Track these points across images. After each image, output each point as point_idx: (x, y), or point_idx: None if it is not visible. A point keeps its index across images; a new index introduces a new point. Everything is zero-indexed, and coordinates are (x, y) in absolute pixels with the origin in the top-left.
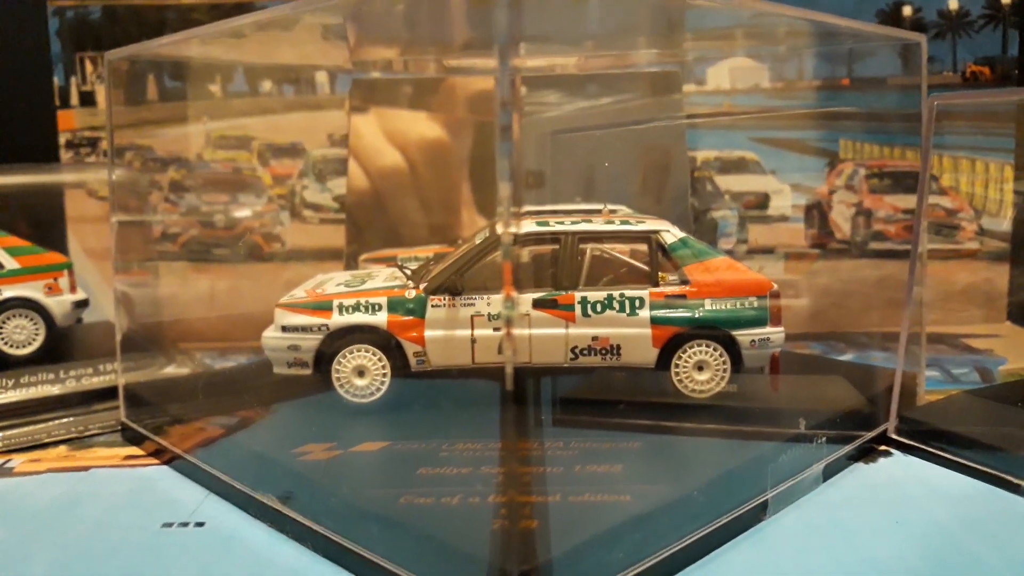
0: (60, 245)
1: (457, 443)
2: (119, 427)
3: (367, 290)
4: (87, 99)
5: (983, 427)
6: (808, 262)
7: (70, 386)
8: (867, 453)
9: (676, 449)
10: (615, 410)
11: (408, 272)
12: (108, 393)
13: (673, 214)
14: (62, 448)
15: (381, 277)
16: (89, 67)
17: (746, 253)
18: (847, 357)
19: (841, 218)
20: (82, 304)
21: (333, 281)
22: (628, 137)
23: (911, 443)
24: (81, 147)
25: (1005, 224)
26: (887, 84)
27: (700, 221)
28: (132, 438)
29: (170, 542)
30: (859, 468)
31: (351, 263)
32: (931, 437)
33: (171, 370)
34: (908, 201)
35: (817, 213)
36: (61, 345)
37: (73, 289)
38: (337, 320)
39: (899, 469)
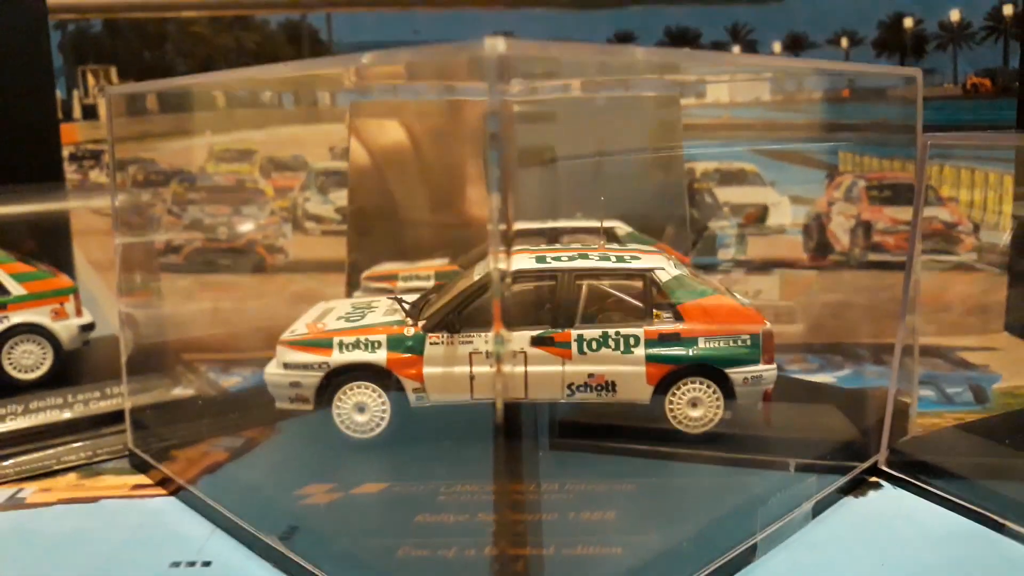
0: (66, 258)
1: (455, 485)
2: (126, 453)
3: (366, 327)
4: (90, 112)
5: (971, 463)
6: (806, 282)
7: (78, 411)
8: (857, 485)
9: (668, 491)
10: (610, 434)
11: (406, 307)
12: (116, 417)
13: (671, 225)
14: (72, 476)
15: (380, 310)
16: (91, 80)
17: (743, 270)
18: (844, 372)
19: (840, 230)
20: (88, 328)
21: (334, 313)
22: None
23: (901, 476)
24: (84, 159)
25: (1004, 237)
26: (887, 95)
27: (699, 233)
28: (139, 465)
29: None
30: (848, 502)
31: (353, 273)
32: (921, 471)
33: (177, 391)
34: (907, 213)
35: (816, 225)
36: (68, 367)
37: (79, 313)
38: (337, 358)
39: (888, 504)
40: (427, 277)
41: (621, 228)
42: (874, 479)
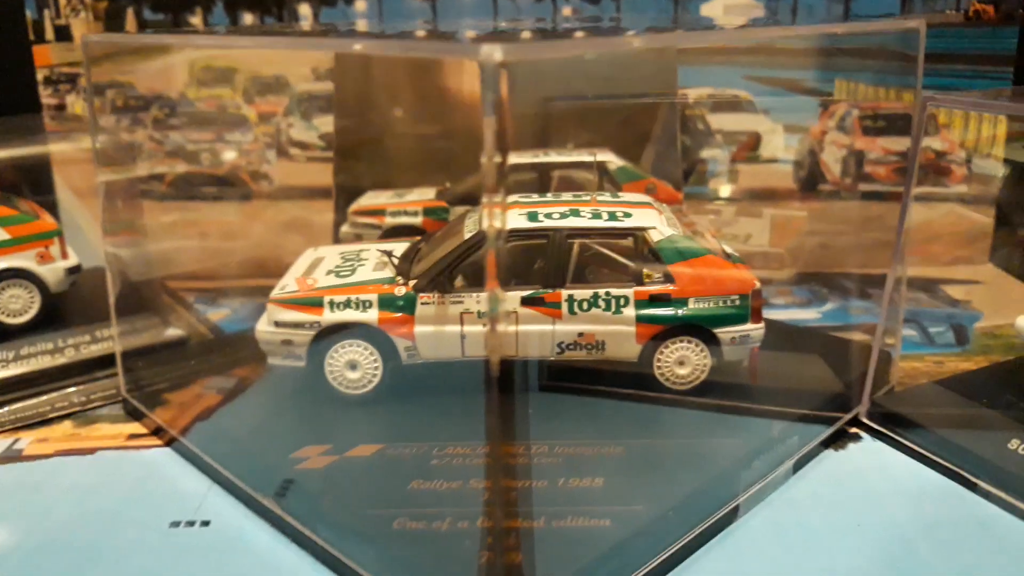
0: (47, 187)
1: (447, 446)
2: (119, 400)
3: (357, 284)
4: (62, 33)
5: (949, 419)
6: (796, 225)
7: (70, 355)
8: (838, 437)
9: (653, 454)
10: (598, 379)
11: (395, 262)
12: (108, 360)
13: (662, 154)
14: (67, 424)
15: (370, 264)
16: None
17: (733, 210)
18: (830, 306)
19: (832, 160)
20: (75, 270)
21: (323, 265)
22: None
23: (880, 429)
24: (60, 83)
25: (995, 167)
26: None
27: (691, 164)
28: (132, 412)
29: (178, 543)
30: (829, 456)
31: (340, 196)
32: (900, 425)
33: (166, 332)
34: (899, 143)
35: (808, 155)
36: (58, 306)
37: (64, 255)
38: (328, 317)
39: (866, 458)
40: (415, 213)
41: (613, 162)
42: (855, 430)
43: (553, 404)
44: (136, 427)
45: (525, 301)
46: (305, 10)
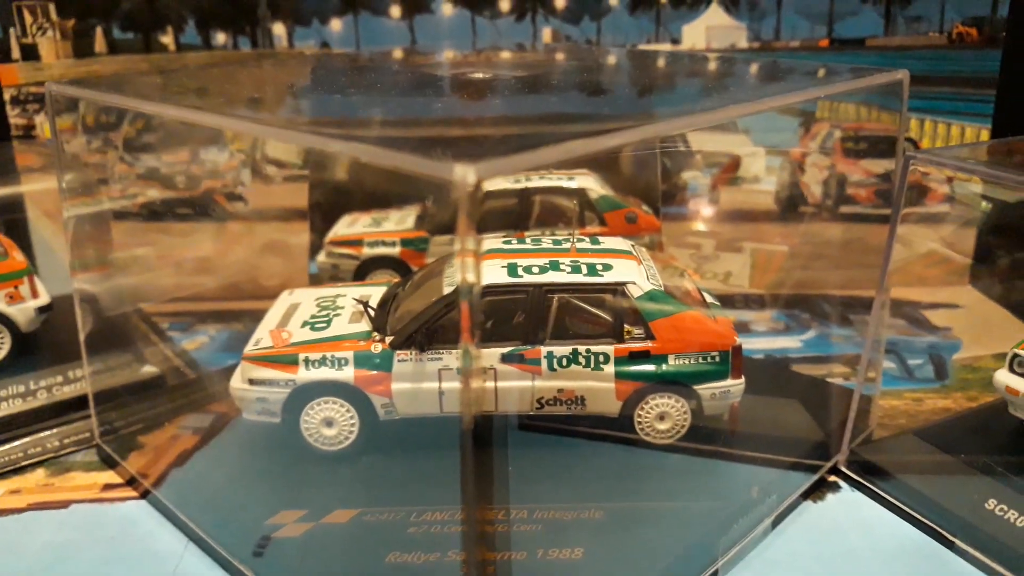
0: (18, 210)
1: (425, 511)
2: (93, 445)
3: (332, 340)
4: (29, 52)
5: (927, 472)
6: (777, 261)
7: (43, 398)
8: (817, 487)
9: (633, 519)
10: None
11: (371, 313)
12: (82, 402)
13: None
14: (40, 472)
15: (346, 315)
16: (28, 18)
17: (713, 246)
18: (809, 335)
19: (813, 181)
20: (46, 309)
21: (298, 315)
22: None
23: (858, 479)
24: (27, 103)
25: (977, 188)
26: (866, 46)
27: (671, 180)
28: (107, 459)
29: None
30: (807, 508)
31: (315, 219)
32: (878, 476)
33: (141, 370)
34: (881, 166)
35: (789, 176)
36: (29, 348)
37: (35, 294)
38: (303, 375)
39: (844, 511)
40: (393, 243)
41: (594, 190)
42: (833, 479)
43: (529, 455)
44: (111, 476)
45: (504, 358)
46: (280, 30)
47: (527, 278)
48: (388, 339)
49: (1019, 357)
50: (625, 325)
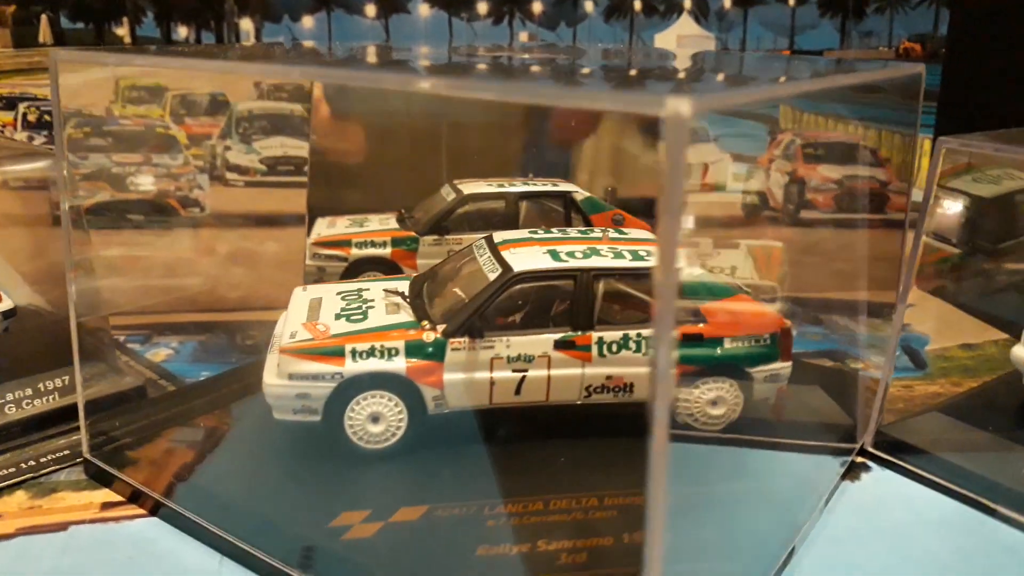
0: None
1: (497, 505)
2: (79, 461)
3: (380, 331)
4: None
5: (956, 447)
6: (776, 255)
7: (11, 413)
8: (850, 468)
9: (711, 501)
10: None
11: (406, 299)
12: (57, 416)
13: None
14: (21, 495)
15: (381, 305)
16: None
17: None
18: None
19: (776, 186)
20: (9, 314)
21: (327, 308)
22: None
23: (889, 458)
24: None
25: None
26: (823, 57)
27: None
28: (98, 476)
29: None
30: (848, 488)
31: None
32: (909, 453)
33: (126, 380)
34: (839, 171)
35: (755, 183)
36: None
37: None
38: (352, 367)
39: (882, 489)
40: (383, 244)
41: (579, 193)
42: (861, 460)
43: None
44: (107, 494)
45: (557, 345)
46: (247, 25)
47: (572, 263)
48: (440, 327)
49: None
50: None
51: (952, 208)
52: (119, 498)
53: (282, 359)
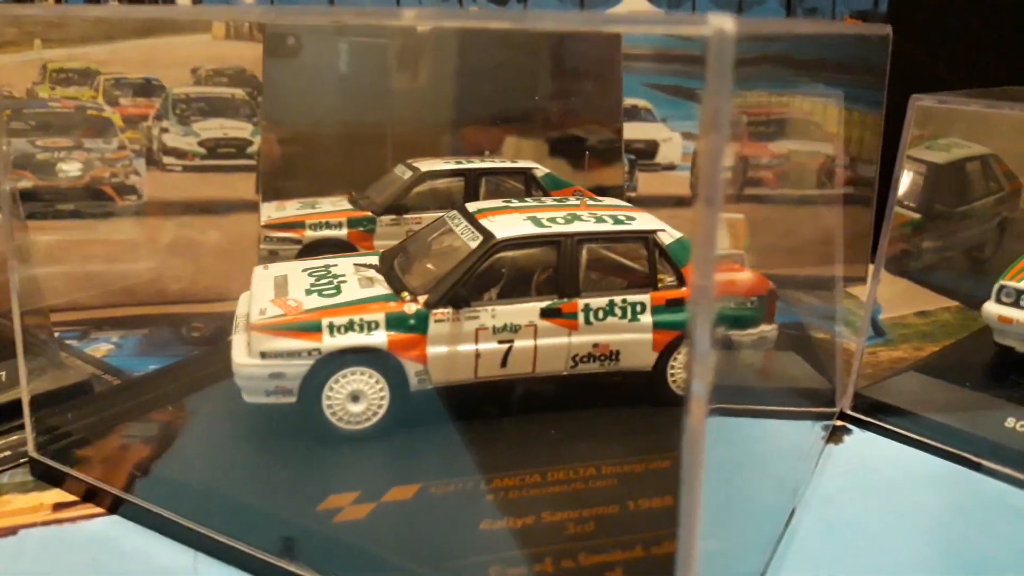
0: None
1: (493, 480)
2: (23, 461)
3: (357, 303)
4: None
5: (937, 405)
6: (741, 225)
7: None
8: (832, 433)
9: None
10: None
11: (375, 270)
12: None
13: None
14: None
15: (353, 279)
16: None
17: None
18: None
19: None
20: None
21: (295, 284)
22: None
23: (870, 420)
24: None
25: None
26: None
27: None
28: (46, 475)
29: None
30: (832, 451)
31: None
32: (890, 414)
33: (70, 374)
34: (784, 147)
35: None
36: None
37: None
38: (330, 343)
39: (866, 450)
40: (339, 225)
41: (539, 170)
42: (840, 423)
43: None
44: (58, 494)
45: (544, 313)
46: None
47: (556, 228)
48: (422, 298)
49: (1005, 288)
50: (659, 273)
51: (909, 175)
52: (72, 497)
53: (253, 337)
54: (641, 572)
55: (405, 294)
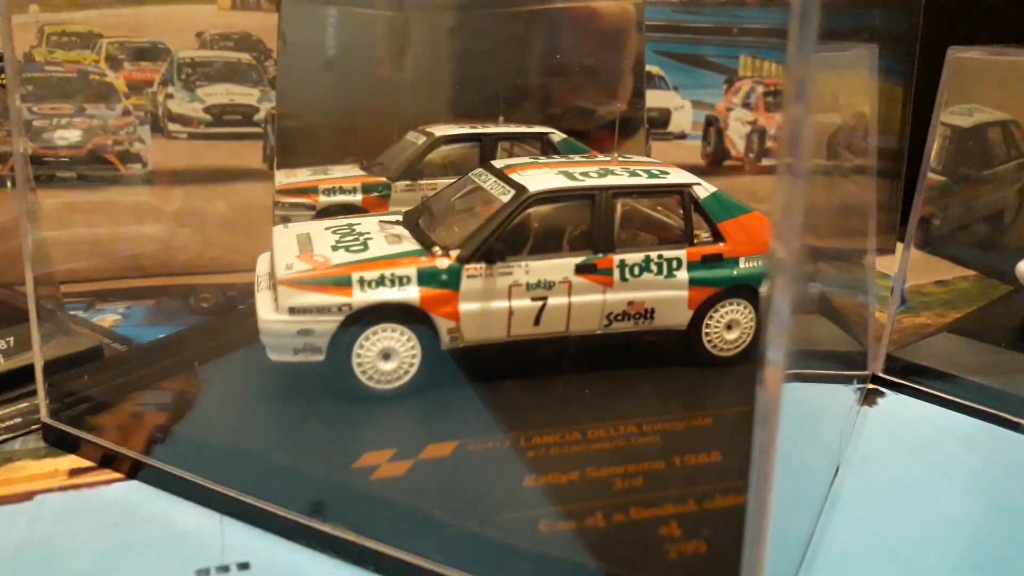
0: None
1: (533, 436)
2: (35, 428)
3: (387, 258)
4: None
5: (972, 367)
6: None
7: None
8: (866, 395)
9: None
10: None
11: (406, 226)
12: None
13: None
14: None
15: (379, 235)
16: None
17: None
18: None
19: (736, 135)
20: None
21: (321, 240)
22: None
23: (903, 383)
24: None
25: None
26: None
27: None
28: (61, 441)
29: None
30: (867, 413)
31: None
32: (924, 376)
33: (82, 341)
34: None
35: (714, 131)
36: None
37: None
38: (360, 298)
39: (901, 411)
40: (352, 190)
41: (556, 135)
42: (873, 386)
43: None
44: (73, 460)
45: (579, 269)
46: None
47: (589, 182)
48: (454, 252)
49: None
50: (695, 228)
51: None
52: (88, 463)
53: (281, 291)
54: (696, 526)
55: (436, 249)
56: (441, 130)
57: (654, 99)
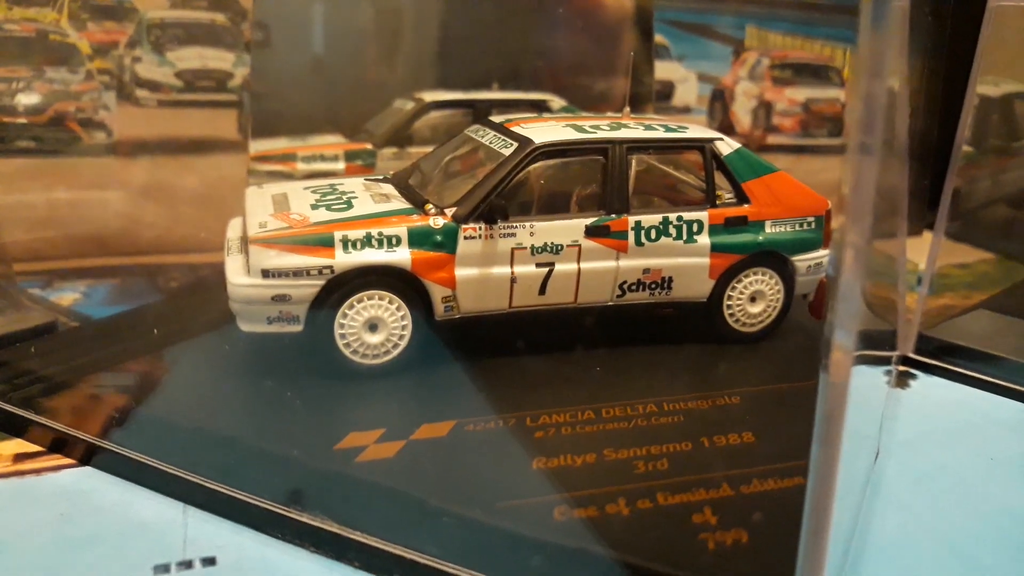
0: None
1: (540, 416)
2: None
3: (374, 216)
4: None
5: (1010, 344)
6: None
7: None
8: (898, 377)
9: (777, 403)
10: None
11: (395, 185)
12: None
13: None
14: None
15: (365, 193)
16: None
17: None
18: None
19: (742, 111)
20: None
21: (299, 199)
22: None
23: (936, 364)
24: None
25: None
26: None
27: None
28: (7, 424)
29: None
30: (899, 395)
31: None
32: (959, 356)
33: (31, 317)
34: (806, 93)
35: (720, 105)
36: None
37: None
38: (344, 260)
39: (935, 393)
40: (334, 157)
41: (556, 101)
42: (903, 368)
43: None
44: (19, 444)
45: (589, 231)
46: None
47: (601, 134)
48: (450, 211)
49: None
50: (718, 188)
51: None
52: (36, 448)
53: (253, 251)
54: (733, 513)
55: (430, 207)
56: (431, 95)
57: (657, 71)
